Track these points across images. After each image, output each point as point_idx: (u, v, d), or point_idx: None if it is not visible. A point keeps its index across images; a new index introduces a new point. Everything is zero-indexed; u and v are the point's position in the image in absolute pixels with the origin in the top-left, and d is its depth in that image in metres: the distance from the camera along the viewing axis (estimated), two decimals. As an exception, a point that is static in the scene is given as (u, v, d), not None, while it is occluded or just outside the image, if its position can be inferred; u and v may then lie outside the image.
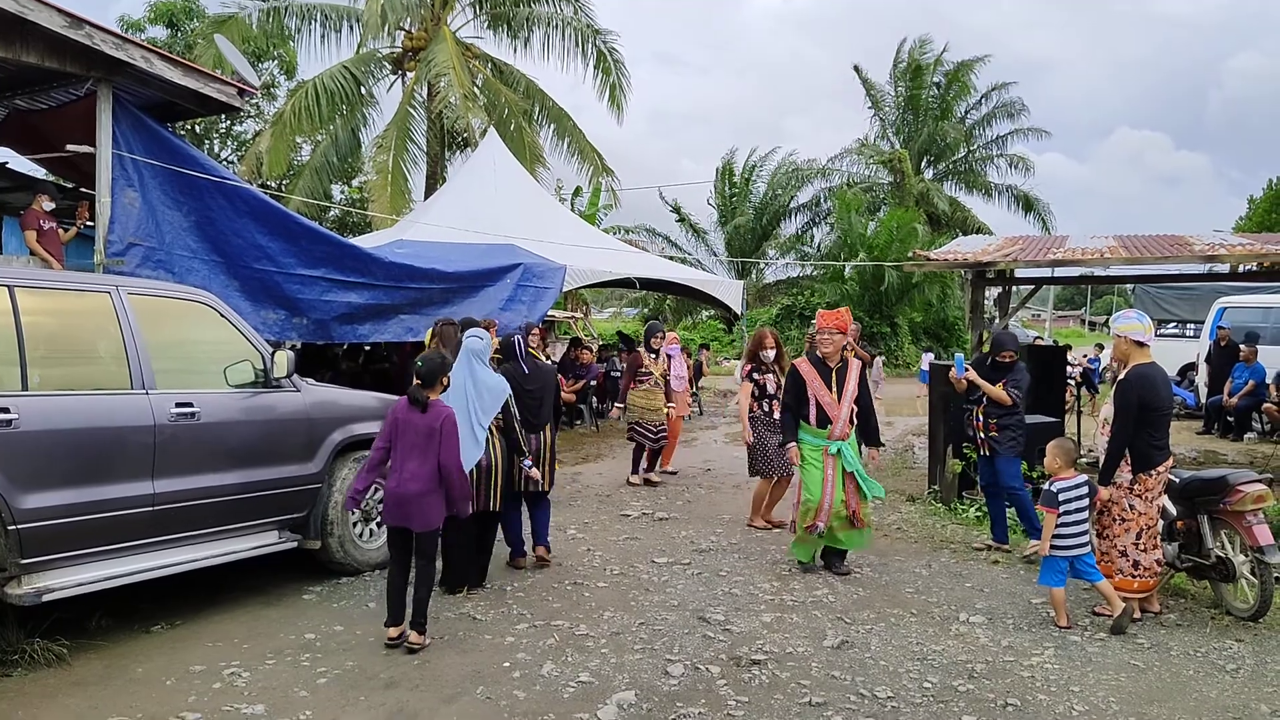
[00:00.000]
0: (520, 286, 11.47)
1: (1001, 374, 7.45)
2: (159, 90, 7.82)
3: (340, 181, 24.67)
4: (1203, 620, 5.80)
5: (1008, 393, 7.34)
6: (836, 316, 6.89)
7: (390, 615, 5.26)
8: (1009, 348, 7.51)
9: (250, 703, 4.41)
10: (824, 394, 6.71)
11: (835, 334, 6.77)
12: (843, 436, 6.68)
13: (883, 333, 27.86)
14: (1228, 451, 12.55)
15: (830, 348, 6.75)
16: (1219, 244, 9.58)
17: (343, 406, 6.50)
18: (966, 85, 33.83)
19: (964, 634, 5.52)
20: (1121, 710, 4.49)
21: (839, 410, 6.67)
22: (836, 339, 6.77)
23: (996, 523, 7.54)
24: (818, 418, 6.72)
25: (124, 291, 5.32)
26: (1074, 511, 5.64)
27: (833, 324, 6.81)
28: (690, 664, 5.00)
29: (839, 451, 6.65)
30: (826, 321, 6.86)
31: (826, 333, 6.78)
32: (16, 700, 4.39)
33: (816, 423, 6.72)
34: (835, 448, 6.64)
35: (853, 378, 6.78)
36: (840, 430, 6.66)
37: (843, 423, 6.67)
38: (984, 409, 7.46)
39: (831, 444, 6.65)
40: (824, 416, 6.68)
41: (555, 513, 8.45)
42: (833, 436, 6.65)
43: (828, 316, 6.92)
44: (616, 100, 20.96)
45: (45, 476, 4.67)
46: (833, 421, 6.64)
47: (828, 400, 6.69)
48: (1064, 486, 5.67)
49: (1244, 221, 35.84)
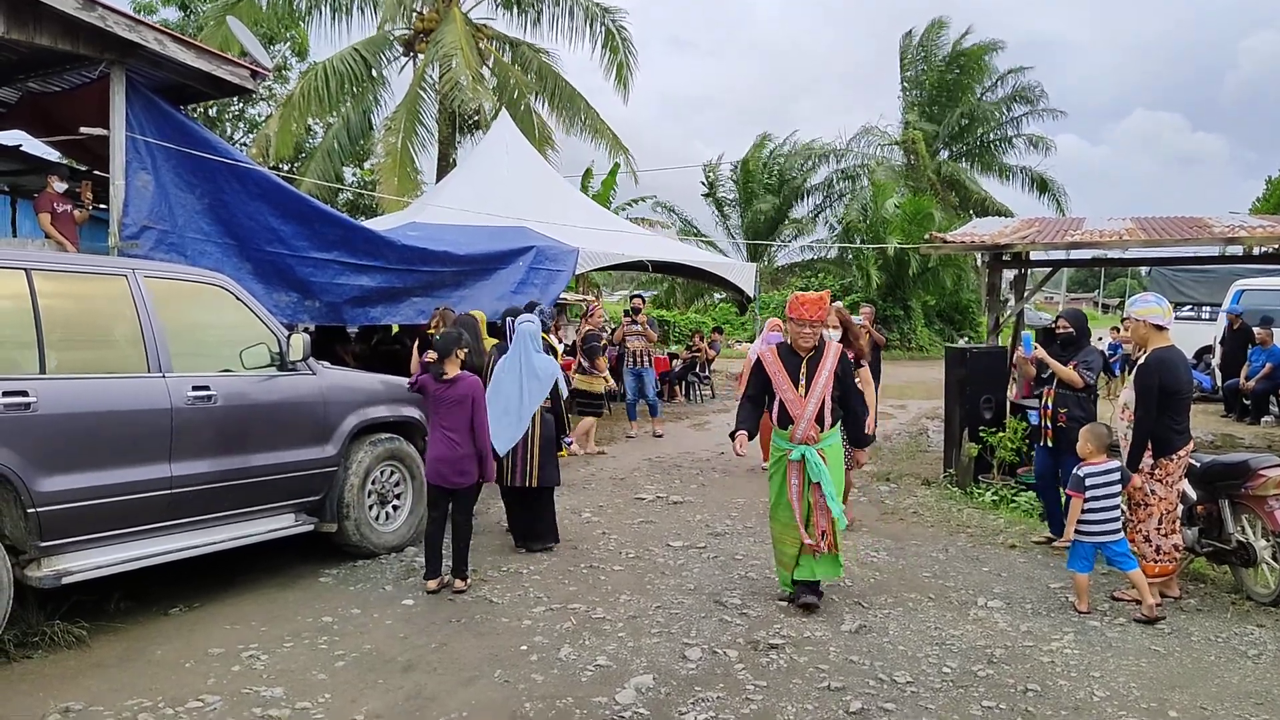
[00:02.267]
0: (532, 269, 11.42)
1: (1069, 353, 6.94)
2: (172, 72, 7.79)
3: (352, 164, 24.62)
4: (1223, 605, 5.75)
5: (1079, 374, 6.78)
6: (817, 305, 5.47)
7: (429, 569, 5.90)
8: (1062, 317, 7.23)
9: (269, 685, 4.42)
10: (787, 389, 5.50)
11: (814, 326, 5.48)
12: (807, 440, 5.46)
13: (896, 316, 27.76)
14: (1245, 435, 12.46)
15: (808, 343, 5.51)
16: (1239, 225, 9.46)
17: (358, 390, 6.50)
18: (984, 67, 33.52)
19: (982, 619, 5.49)
20: (1143, 696, 4.46)
21: (803, 408, 5.45)
22: (816, 332, 5.52)
23: (1054, 518, 7.00)
24: (779, 416, 5.56)
25: (140, 274, 5.31)
26: (1102, 497, 5.58)
27: (811, 314, 5.45)
28: (708, 648, 4.99)
29: (802, 458, 5.47)
30: (805, 312, 5.45)
31: (805, 325, 5.47)
32: (38, 682, 4.41)
33: (778, 422, 5.59)
34: (798, 453, 5.47)
35: (827, 366, 5.47)
36: (804, 432, 5.45)
37: (807, 422, 5.44)
38: (1054, 396, 6.89)
39: (795, 448, 5.50)
40: (785, 413, 5.52)
41: (570, 496, 8.55)
42: (794, 439, 5.49)
43: (805, 305, 5.47)
44: (623, 79, 20.85)
45: (64, 460, 4.68)
46: (796, 420, 5.47)
47: (790, 397, 5.49)
48: (1091, 471, 5.61)
49: (1261, 203, 35.51)
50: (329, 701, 4.29)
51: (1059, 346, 7.08)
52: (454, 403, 5.81)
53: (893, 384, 17.43)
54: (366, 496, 6.42)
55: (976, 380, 8.93)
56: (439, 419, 5.86)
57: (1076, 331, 7.07)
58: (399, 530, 6.69)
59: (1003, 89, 34.39)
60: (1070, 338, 7.04)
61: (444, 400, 5.83)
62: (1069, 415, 6.76)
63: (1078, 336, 7.05)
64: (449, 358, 5.87)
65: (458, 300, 10.12)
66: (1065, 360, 6.93)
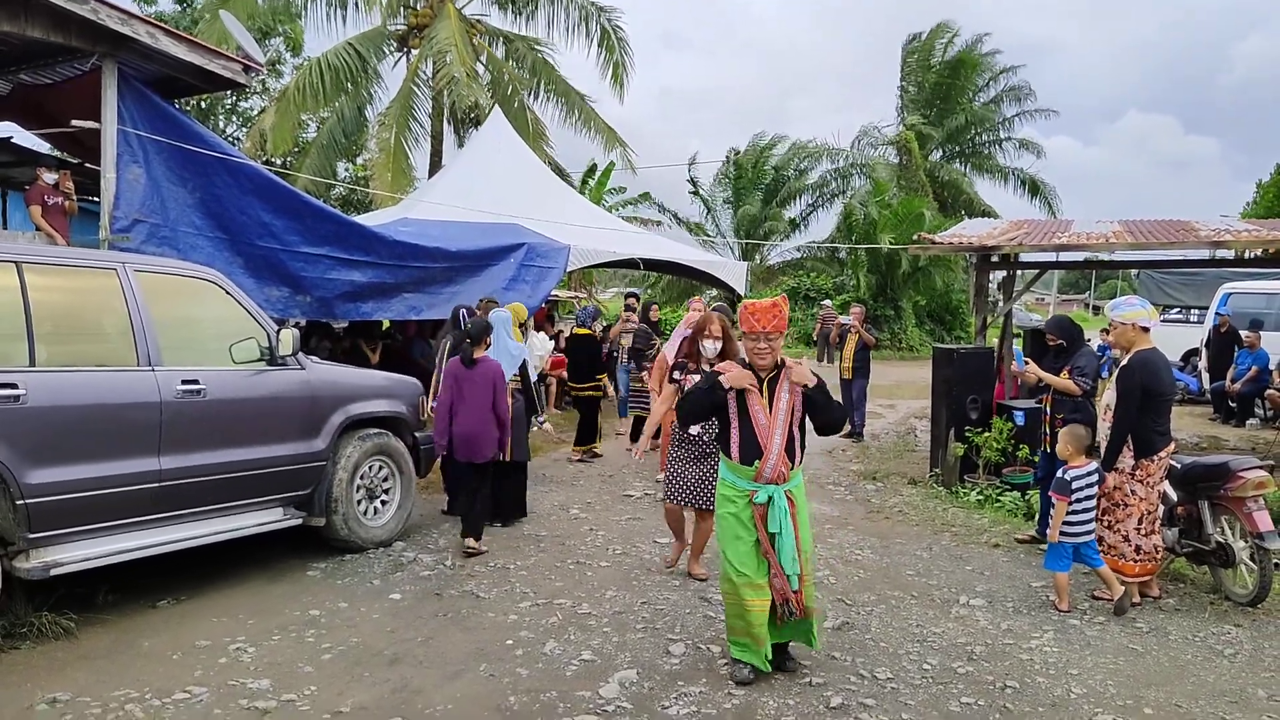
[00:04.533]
0: (524, 266, 11.44)
1: (1062, 360, 6.96)
2: (164, 66, 7.79)
3: (345, 159, 24.58)
4: (1201, 605, 5.83)
5: (1075, 381, 6.76)
6: (770, 313, 4.53)
7: (466, 527, 6.67)
8: (1049, 330, 7.28)
9: (256, 677, 4.46)
10: (760, 410, 4.52)
11: (771, 339, 4.54)
12: (777, 478, 4.49)
13: (886, 316, 27.84)
14: (1230, 437, 12.56)
15: (766, 361, 4.56)
16: (1225, 229, 9.54)
17: (347, 385, 6.53)
18: (979, 70, 33.61)
19: (964, 616, 5.55)
20: (1119, 693, 4.52)
21: (771, 434, 4.50)
22: (774, 347, 4.57)
23: (1047, 517, 6.89)
24: (742, 448, 4.54)
25: (130, 268, 5.33)
26: (1083, 499, 5.67)
27: (766, 324, 4.51)
28: (692, 643, 5.03)
29: (769, 500, 4.47)
30: (758, 322, 4.52)
31: (760, 339, 4.53)
32: (25, 673, 4.44)
33: (740, 454, 4.54)
34: (765, 495, 4.48)
35: (785, 391, 4.54)
36: (774, 469, 4.47)
37: (777, 455, 4.48)
38: (1052, 402, 7.00)
39: (761, 489, 4.50)
40: (750, 444, 4.52)
41: (559, 492, 8.60)
42: (760, 478, 4.49)
43: (758, 315, 4.53)
44: (619, 79, 20.84)
45: (52, 452, 4.71)
46: (765, 454, 4.49)
47: (763, 420, 4.51)
48: (1077, 474, 5.68)
49: (1252, 207, 35.66)
50: (315, 694, 4.32)
51: (1052, 356, 7.13)
52: (478, 384, 6.59)
53: (882, 384, 17.49)
54: (355, 491, 6.45)
55: (963, 381, 8.99)
56: (462, 400, 6.58)
57: (1066, 340, 7.10)
58: (387, 525, 6.72)
59: (995, 88, 34.53)
60: (1061, 348, 7.08)
61: (469, 381, 6.59)
62: (1065, 420, 6.72)
63: (1069, 344, 7.08)
64: (479, 344, 6.73)
65: (449, 296, 10.15)
66: (1059, 369, 6.94)
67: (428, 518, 7.61)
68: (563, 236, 12.27)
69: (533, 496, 8.06)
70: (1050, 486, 5.90)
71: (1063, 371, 6.88)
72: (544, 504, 8.14)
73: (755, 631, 4.50)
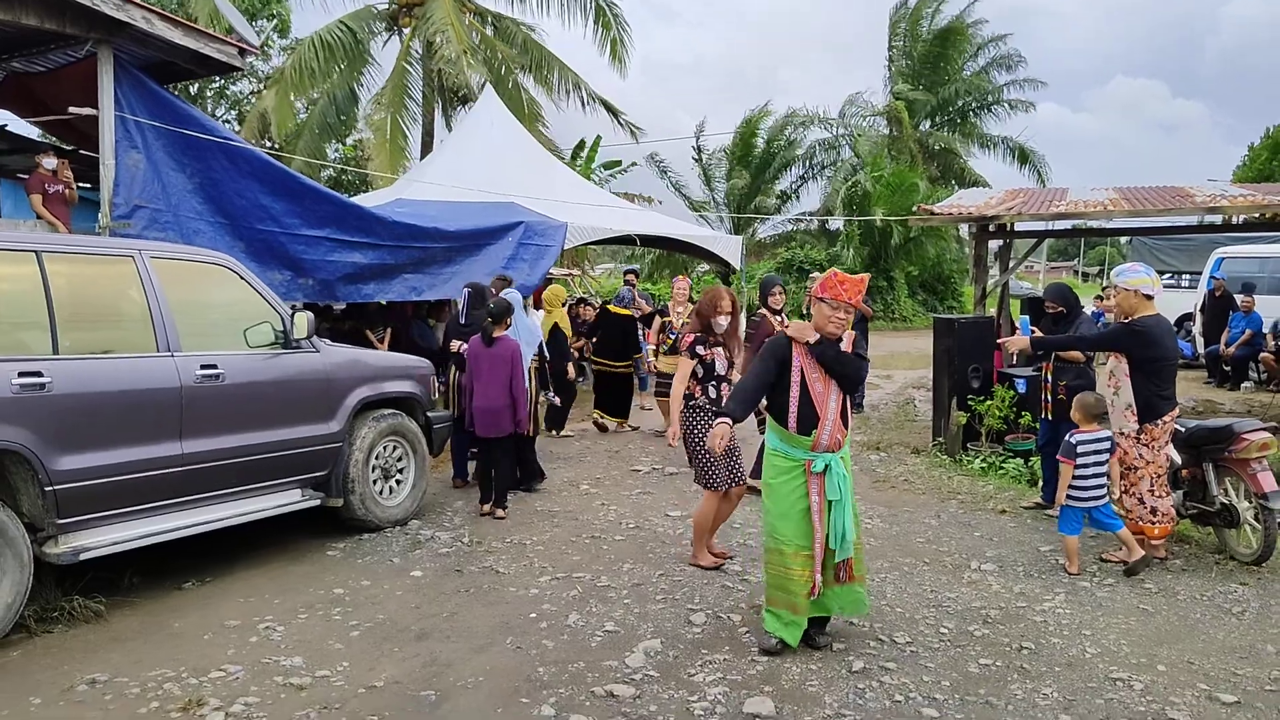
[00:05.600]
0: (522, 245, 11.45)
1: (1063, 328, 7.03)
2: (159, 51, 7.77)
3: (335, 140, 24.45)
4: (1207, 565, 5.95)
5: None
6: (858, 287, 4.53)
7: (483, 496, 7.15)
8: (1049, 298, 7.37)
9: (288, 655, 4.53)
10: (818, 379, 4.55)
11: (849, 311, 4.55)
12: (833, 446, 4.56)
13: (880, 287, 27.93)
14: (1225, 401, 12.72)
15: (839, 330, 4.56)
16: (1220, 195, 9.64)
17: (362, 366, 6.58)
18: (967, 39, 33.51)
19: (976, 581, 5.66)
20: (1132, 652, 4.63)
21: (827, 402, 4.55)
22: (849, 318, 4.60)
23: (1049, 483, 7.08)
24: (800, 418, 4.55)
25: (147, 255, 5.36)
26: (1091, 465, 5.76)
27: (851, 296, 4.50)
28: (712, 613, 5.13)
29: (827, 469, 4.53)
30: (844, 292, 4.49)
31: (840, 308, 4.52)
32: (60, 655, 4.50)
33: (798, 423, 4.54)
34: (822, 463, 4.53)
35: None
36: (830, 436, 4.54)
37: (833, 424, 4.54)
38: (1053, 369, 7.02)
39: (818, 457, 4.55)
40: (809, 415, 4.54)
41: (567, 469, 8.70)
42: (819, 445, 4.53)
43: (846, 286, 4.50)
44: (618, 54, 20.72)
45: (78, 438, 4.75)
46: (820, 420, 4.53)
47: (821, 389, 4.54)
48: (1083, 439, 5.78)
49: (1242, 170, 35.84)
50: (348, 670, 4.40)
51: (1051, 323, 7.21)
52: (497, 361, 6.95)
53: (878, 355, 17.55)
54: (370, 471, 6.51)
55: (964, 350, 9.08)
56: (480, 376, 6.97)
57: (1066, 308, 7.19)
58: (403, 504, 6.79)
59: (983, 57, 34.46)
60: (1061, 315, 7.17)
61: (488, 358, 6.96)
62: (1068, 387, 6.84)
63: (1068, 311, 7.17)
64: (500, 324, 7.05)
65: (449, 276, 10.19)
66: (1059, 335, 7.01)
67: (440, 495, 7.68)
68: (558, 214, 12.28)
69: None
70: (1059, 450, 5.99)
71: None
72: (554, 480, 8.22)
73: (798, 601, 4.56)
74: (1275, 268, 15.25)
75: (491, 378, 6.98)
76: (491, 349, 7.01)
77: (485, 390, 6.98)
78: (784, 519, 4.58)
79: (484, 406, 6.98)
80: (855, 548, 4.60)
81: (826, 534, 4.53)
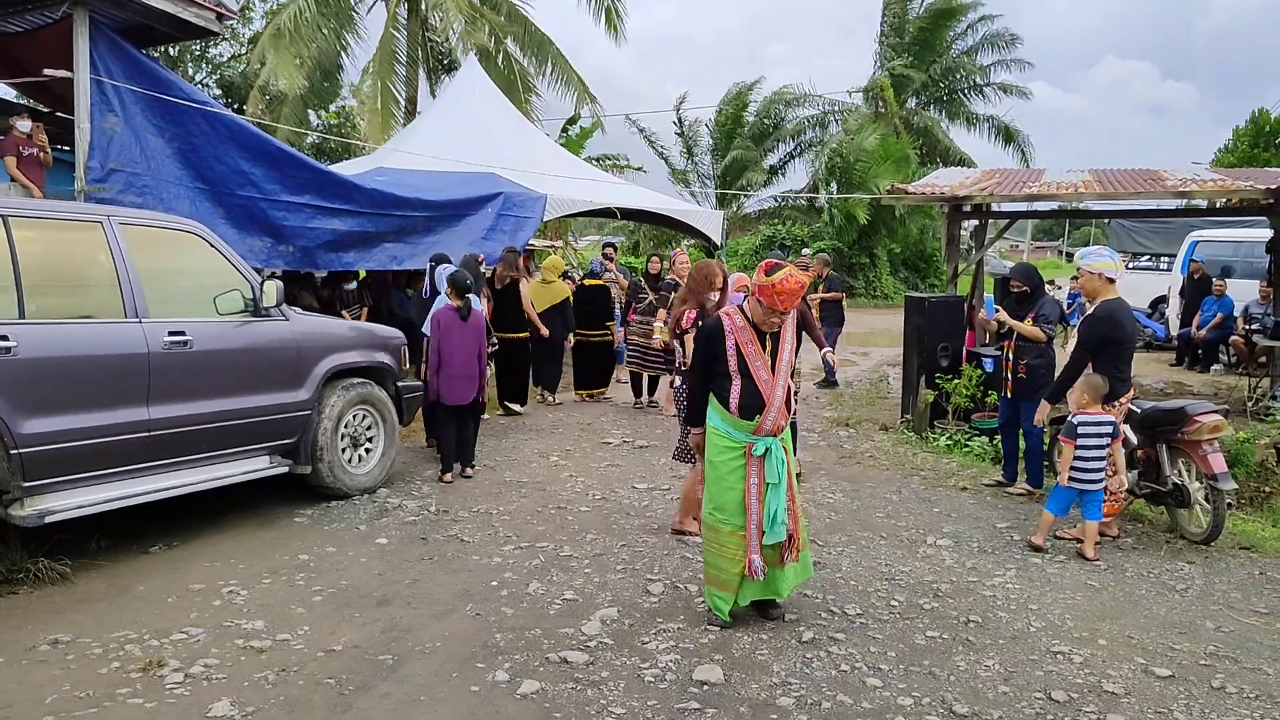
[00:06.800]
0: (501, 216, 11.46)
1: (1026, 307, 7.16)
2: (135, 14, 7.70)
3: (317, 107, 24.22)
4: (1158, 544, 6.10)
5: (1040, 328, 6.98)
6: (795, 298, 4.47)
7: (444, 466, 7.42)
8: (1014, 277, 7.48)
9: (250, 618, 4.62)
10: (761, 366, 4.56)
11: (784, 316, 4.57)
12: (775, 430, 4.60)
13: (861, 264, 28.01)
14: (1194, 383, 12.88)
15: (774, 329, 4.62)
16: (1191, 179, 9.73)
17: (330, 336, 6.62)
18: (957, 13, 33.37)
19: (931, 556, 5.79)
20: (1076, 626, 4.77)
21: (773, 389, 4.57)
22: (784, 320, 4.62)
23: (1009, 461, 7.44)
24: (742, 401, 4.55)
25: (115, 221, 5.38)
26: (1092, 447, 5.82)
27: (787, 307, 4.50)
28: (670, 583, 5.24)
29: (767, 452, 4.57)
30: (785, 304, 4.46)
31: (778, 315, 4.53)
32: (25, 615, 4.58)
33: (739, 409, 4.55)
34: (763, 447, 4.56)
35: (788, 342, 4.67)
36: (774, 420, 4.57)
37: (778, 410, 4.57)
38: (1014, 348, 7.11)
39: (759, 441, 4.57)
40: (752, 399, 4.54)
41: (538, 440, 8.79)
42: (761, 430, 4.56)
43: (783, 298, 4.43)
44: (613, 23, 20.59)
45: (45, 402, 4.80)
46: (765, 407, 4.55)
47: (764, 376, 4.56)
48: (1085, 421, 5.84)
49: (1225, 153, 35.98)
50: (308, 634, 4.49)
51: (1015, 302, 7.31)
52: (467, 331, 7.33)
53: (856, 332, 17.73)
54: (339, 440, 6.58)
55: (934, 329, 9.18)
56: (452, 346, 7.28)
57: (1030, 287, 7.28)
58: (371, 472, 6.87)
59: (972, 37, 34.34)
60: (1025, 294, 7.26)
61: (458, 327, 7.30)
62: (1028, 365, 6.99)
63: (1032, 291, 7.26)
64: (464, 298, 7.35)
65: (429, 246, 10.18)
66: (1022, 315, 7.14)
67: (410, 465, 7.76)
68: (539, 186, 12.28)
69: (513, 444, 8.23)
70: (1061, 430, 6.07)
71: (1027, 318, 7.08)
72: (524, 451, 8.31)
73: (728, 579, 4.67)
74: (1249, 252, 15.40)
75: (463, 348, 7.32)
76: (466, 319, 7.35)
77: (462, 360, 7.32)
78: (723, 499, 4.64)
79: (461, 374, 7.32)
80: (796, 518, 4.66)
81: (771, 513, 4.56)
